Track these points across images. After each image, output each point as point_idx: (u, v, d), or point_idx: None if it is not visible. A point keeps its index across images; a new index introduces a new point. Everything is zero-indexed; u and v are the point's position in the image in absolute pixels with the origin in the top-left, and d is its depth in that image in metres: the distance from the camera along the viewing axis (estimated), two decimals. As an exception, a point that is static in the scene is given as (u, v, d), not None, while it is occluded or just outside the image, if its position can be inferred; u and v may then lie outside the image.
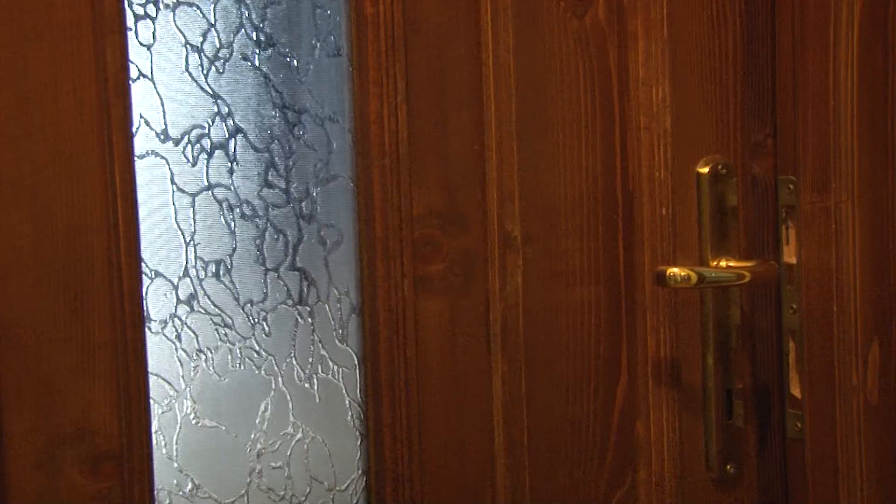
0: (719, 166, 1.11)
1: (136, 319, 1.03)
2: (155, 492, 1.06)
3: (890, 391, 1.44)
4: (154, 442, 1.06)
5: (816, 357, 1.47)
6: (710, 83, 1.18)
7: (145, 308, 1.06)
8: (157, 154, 1.08)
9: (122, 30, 1.03)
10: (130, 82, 1.04)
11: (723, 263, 1.14)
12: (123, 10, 1.04)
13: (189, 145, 1.09)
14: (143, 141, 1.07)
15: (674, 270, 1.09)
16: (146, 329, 1.05)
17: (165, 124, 1.08)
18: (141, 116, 1.07)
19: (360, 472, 1.13)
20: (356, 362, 1.14)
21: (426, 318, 1.08)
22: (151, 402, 1.06)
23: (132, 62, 1.05)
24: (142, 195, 1.04)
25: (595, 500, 1.12)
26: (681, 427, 1.16)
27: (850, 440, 1.46)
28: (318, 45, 1.13)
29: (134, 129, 1.04)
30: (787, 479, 1.57)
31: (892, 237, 1.42)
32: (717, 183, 1.13)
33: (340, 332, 1.14)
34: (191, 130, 1.10)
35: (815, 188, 1.45)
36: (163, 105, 1.08)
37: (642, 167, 1.13)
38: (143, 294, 1.06)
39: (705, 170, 1.13)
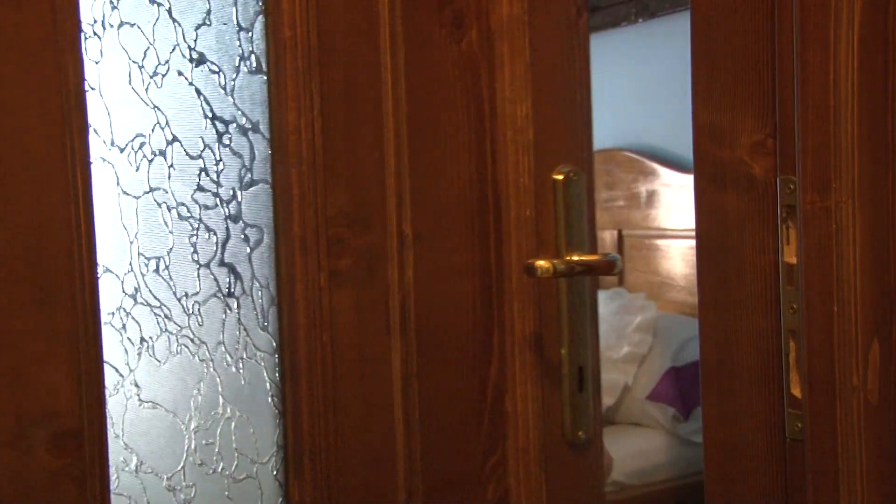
0: (571, 173, 1.20)
1: (93, 311, 1.11)
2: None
3: (890, 391, 1.43)
4: (103, 422, 1.15)
5: (816, 357, 1.47)
6: (563, 102, 1.27)
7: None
8: (105, 160, 1.17)
9: (79, 48, 1.12)
10: (83, 95, 1.14)
11: (574, 257, 1.22)
12: (80, 29, 1.13)
13: (133, 152, 1.18)
14: (93, 148, 1.15)
15: (540, 262, 1.20)
16: (97, 320, 1.15)
17: (112, 133, 1.17)
18: (90, 125, 1.16)
19: (278, 445, 1.21)
20: (275, 347, 1.21)
21: (338, 306, 1.18)
22: (102, 385, 1.15)
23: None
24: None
25: (473, 465, 1.22)
26: (542, 400, 1.26)
27: (850, 440, 1.45)
28: (243, 63, 1.21)
29: (84, 137, 1.14)
30: (786, 478, 1.57)
31: (892, 237, 1.41)
32: (569, 187, 1.20)
33: (262, 320, 1.22)
34: (134, 138, 1.18)
35: (815, 188, 1.45)
36: (109, 116, 1.16)
37: (509, 174, 1.23)
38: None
39: (560, 176, 1.23)
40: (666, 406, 3.46)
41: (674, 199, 4.25)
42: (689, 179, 4.16)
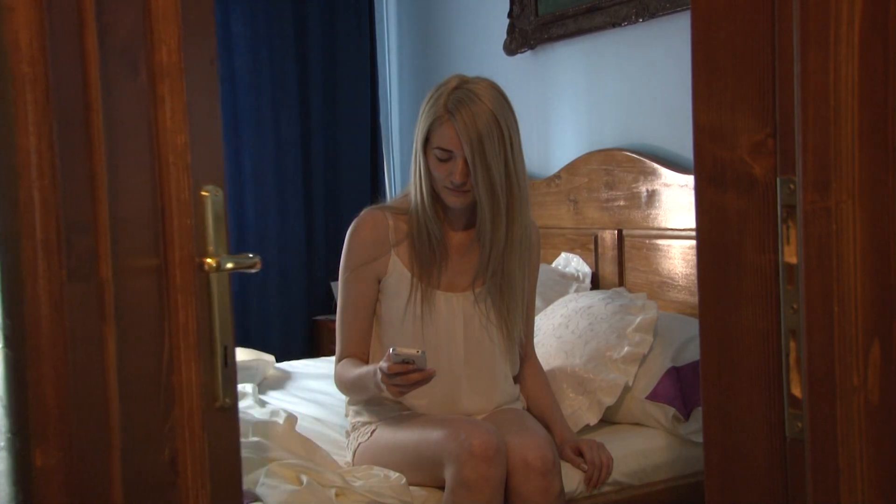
0: (214, 190, 1.54)
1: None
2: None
3: (890, 391, 1.43)
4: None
5: (816, 357, 1.47)
6: (207, 132, 1.57)
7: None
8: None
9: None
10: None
11: (223, 258, 1.53)
12: None
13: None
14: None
15: (207, 260, 1.51)
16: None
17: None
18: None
19: (25, 419, 1.38)
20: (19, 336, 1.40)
21: (73, 298, 1.37)
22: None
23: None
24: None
25: (155, 430, 1.48)
26: (200, 375, 1.52)
27: (850, 440, 1.46)
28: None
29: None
30: (786, 478, 1.58)
31: (892, 237, 1.42)
32: (214, 201, 1.54)
33: (6, 315, 1.38)
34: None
35: (816, 188, 1.45)
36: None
37: (172, 190, 1.51)
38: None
39: (206, 193, 1.54)
40: (666, 406, 3.45)
41: (674, 199, 4.24)
42: (689, 179, 4.17)
